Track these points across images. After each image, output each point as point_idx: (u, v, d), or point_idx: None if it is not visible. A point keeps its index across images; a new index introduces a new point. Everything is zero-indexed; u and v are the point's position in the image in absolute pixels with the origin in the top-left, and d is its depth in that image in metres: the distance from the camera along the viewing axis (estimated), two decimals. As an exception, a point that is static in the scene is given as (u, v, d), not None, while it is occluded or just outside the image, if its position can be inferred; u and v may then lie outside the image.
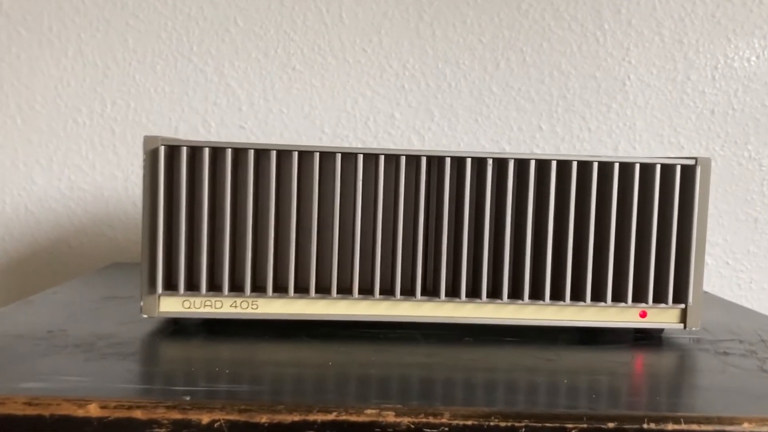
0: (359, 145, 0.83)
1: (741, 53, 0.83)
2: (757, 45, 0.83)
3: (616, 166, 0.47)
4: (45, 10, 0.82)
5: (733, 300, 0.85)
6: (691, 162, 0.47)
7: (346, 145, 0.83)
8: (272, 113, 0.83)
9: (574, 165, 0.47)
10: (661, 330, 0.50)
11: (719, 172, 0.84)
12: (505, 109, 0.83)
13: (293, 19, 0.83)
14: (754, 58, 0.83)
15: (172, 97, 0.83)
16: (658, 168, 0.47)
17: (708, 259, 0.85)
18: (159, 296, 0.46)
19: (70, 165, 0.83)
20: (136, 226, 0.84)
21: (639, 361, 0.44)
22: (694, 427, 0.33)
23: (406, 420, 0.33)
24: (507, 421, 0.33)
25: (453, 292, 0.48)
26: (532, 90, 0.83)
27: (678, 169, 0.47)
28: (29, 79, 0.83)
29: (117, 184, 0.83)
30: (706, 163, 0.47)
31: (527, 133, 0.83)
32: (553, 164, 0.47)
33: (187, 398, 0.33)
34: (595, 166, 0.47)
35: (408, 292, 0.48)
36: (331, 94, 0.83)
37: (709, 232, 0.85)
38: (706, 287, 0.85)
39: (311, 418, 0.33)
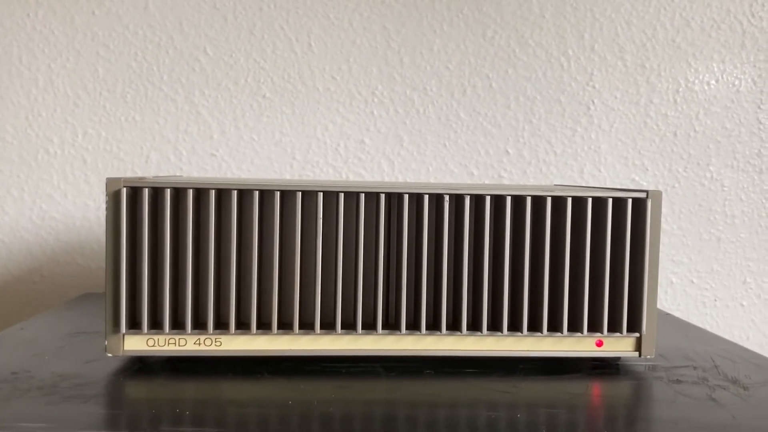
0: (330, 171, 0.84)
1: (701, 77, 0.86)
2: (716, 69, 0.86)
3: (569, 200, 0.48)
4: (15, 40, 0.83)
5: (699, 317, 0.87)
6: (642, 195, 0.49)
7: (317, 170, 0.84)
8: (243, 141, 0.84)
9: (528, 200, 0.48)
10: (618, 358, 0.52)
11: (682, 193, 0.86)
12: (472, 134, 0.85)
13: (263, 47, 0.84)
14: (713, 82, 0.86)
15: (143, 126, 0.84)
16: (610, 201, 0.49)
17: (673, 278, 0.87)
18: (123, 335, 0.47)
19: (41, 195, 0.84)
20: (108, 255, 0.84)
21: (593, 392, 0.45)
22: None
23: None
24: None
25: (414, 326, 0.49)
26: (498, 115, 0.85)
27: (629, 202, 0.49)
28: (-1, 110, 0.83)
29: (89, 213, 0.84)
30: (657, 195, 0.49)
31: (494, 157, 0.85)
32: (508, 199, 0.48)
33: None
34: (549, 200, 0.48)
35: (369, 326, 0.49)
36: (301, 121, 0.85)
37: (673, 252, 0.86)
38: (671, 307, 0.87)
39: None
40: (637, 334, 0.50)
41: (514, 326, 0.49)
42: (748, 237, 0.86)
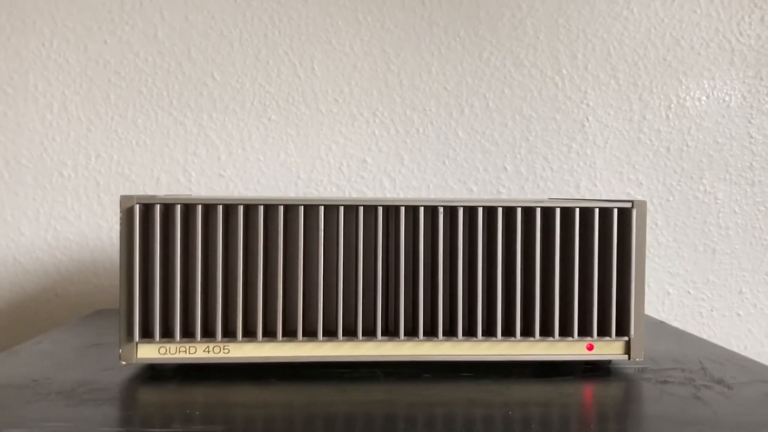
0: (333, 189, 0.87)
1: (692, 93, 0.88)
2: (706, 85, 0.88)
3: (558, 210, 0.51)
4: (30, 69, 0.86)
5: (695, 327, 0.88)
6: (628, 205, 0.51)
7: (321, 189, 0.87)
8: (250, 161, 0.87)
9: (519, 210, 0.51)
10: (609, 361, 0.54)
11: (677, 206, 0.88)
12: (470, 151, 0.88)
13: (268, 72, 0.87)
14: (704, 98, 0.88)
15: (153, 149, 0.87)
16: (597, 211, 0.51)
17: (670, 289, 0.89)
18: (136, 343, 0.50)
19: (56, 216, 0.87)
20: (120, 273, 0.87)
21: (583, 392, 0.48)
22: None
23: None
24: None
25: (412, 332, 0.52)
26: (495, 133, 0.88)
27: (615, 212, 0.51)
28: (16, 135, 0.86)
29: (102, 233, 0.87)
30: (642, 205, 0.51)
31: (493, 174, 0.88)
32: (500, 210, 0.51)
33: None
34: (539, 211, 0.51)
35: (369, 333, 0.51)
36: (305, 142, 0.88)
37: (670, 263, 0.89)
38: (668, 317, 0.88)
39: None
40: (626, 338, 0.52)
41: (508, 331, 0.52)
42: (742, 248, 0.89)
